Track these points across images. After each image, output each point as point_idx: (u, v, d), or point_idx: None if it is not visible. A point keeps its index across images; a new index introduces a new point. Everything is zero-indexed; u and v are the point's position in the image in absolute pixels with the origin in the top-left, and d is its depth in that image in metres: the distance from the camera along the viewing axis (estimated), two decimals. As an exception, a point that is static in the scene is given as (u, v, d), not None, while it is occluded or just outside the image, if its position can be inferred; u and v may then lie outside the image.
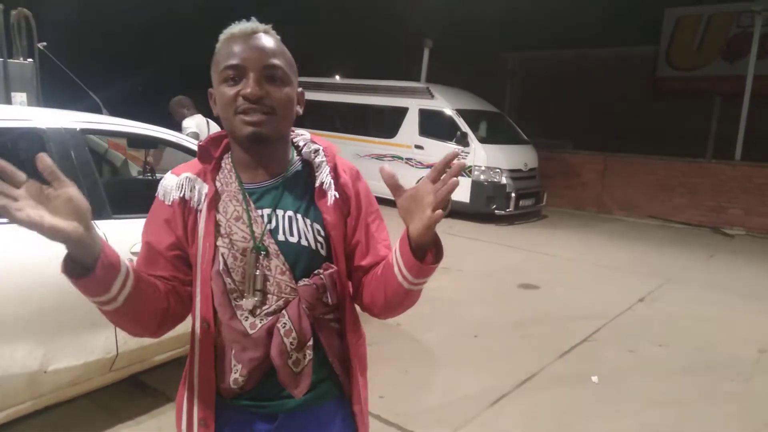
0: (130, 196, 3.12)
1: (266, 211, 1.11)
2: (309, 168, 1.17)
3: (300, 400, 1.12)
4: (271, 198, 1.12)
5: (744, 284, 6.09)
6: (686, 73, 12.65)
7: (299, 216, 1.12)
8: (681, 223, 9.91)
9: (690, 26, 12.44)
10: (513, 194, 8.94)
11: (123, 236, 2.47)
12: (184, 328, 1.18)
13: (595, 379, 3.58)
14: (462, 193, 9.08)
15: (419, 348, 3.94)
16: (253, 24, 1.08)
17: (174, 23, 14.54)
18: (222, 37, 1.09)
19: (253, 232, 1.09)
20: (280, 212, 1.12)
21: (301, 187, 1.15)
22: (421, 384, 3.40)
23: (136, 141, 3.59)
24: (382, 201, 1.31)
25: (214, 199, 1.12)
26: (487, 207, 8.96)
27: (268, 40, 1.08)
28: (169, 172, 1.19)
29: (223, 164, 1.16)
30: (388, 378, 3.35)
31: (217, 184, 1.14)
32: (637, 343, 4.24)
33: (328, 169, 1.16)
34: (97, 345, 2.43)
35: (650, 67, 13.21)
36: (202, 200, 1.12)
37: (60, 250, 0.90)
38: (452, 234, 8.12)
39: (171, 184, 1.14)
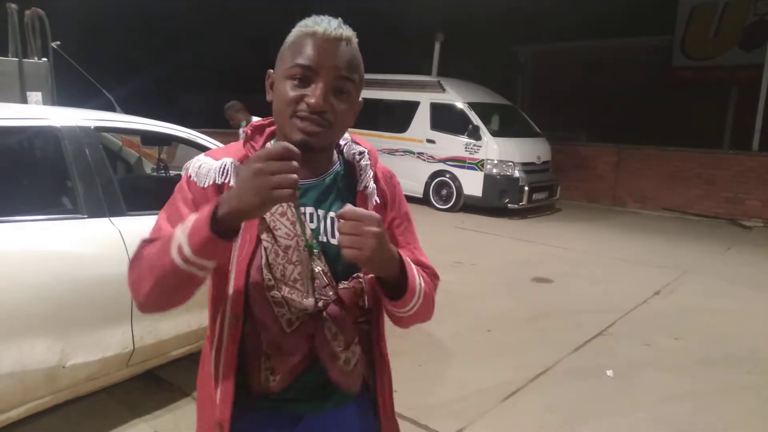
0: (145, 193, 3.15)
1: (309, 209, 1.09)
2: (351, 169, 1.16)
3: (327, 402, 1.12)
4: (314, 196, 1.10)
5: (762, 277, 6.01)
6: (702, 62, 12.42)
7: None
8: (697, 215, 9.79)
9: (705, 15, 12.22)
10: (526, 188, 8.89)
11: (137, 233, 2.50)
12: (198, 323, 1.18)
13: (610, 372, 3.55)
14: (475, 187, 9.05)
15: (432, 342, 3.94)
16: (339, 28, 1.01)
17: (189, 22, 14.61)
18: (302, 28, 1.02)
19: (303, 230, 1.06)
20: (321, 212, 1.09)
21: (343, 189, 1.13)
22: (435, 378, 3.40)
23: (150, 138, 3.62)
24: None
25: None
26: (500, 201, 8.91)
27: (348, 50, 1.02)
28: (203, 154, 1.12)
29: None
30: (402, 372, 3.35)
31: None
32: (652, 336, 4.20)
33: (372, 173, 1.15)
34: (114, 340, 2.46)
35: (665, 57, 12.99)
36: None
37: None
38: (465, 228, 8.10)
39: (211, 166, 1.07)
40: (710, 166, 9.82)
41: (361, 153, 1.16)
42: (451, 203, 9.30)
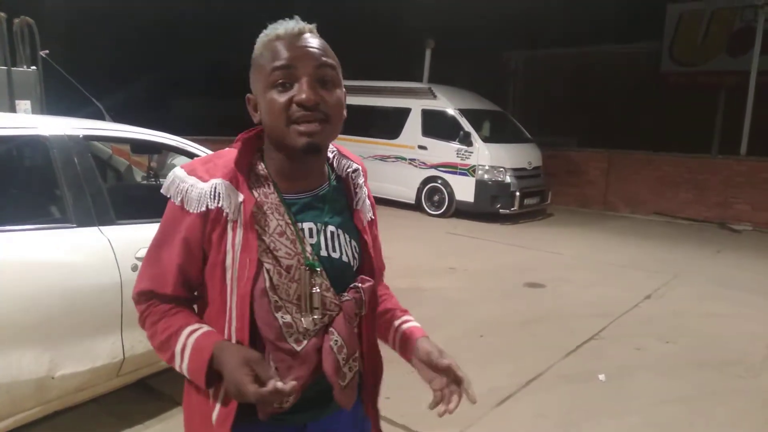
0: (134, 202, 3.14)
1: (307, 225, 1.07)
2: (342, 183, 1.17)
3: (327, 408, 1.13)
4: (313, 212, 1.08)
5: (751, 280, 6.05)
6: (690, 68, 12.58)
7: (341, 232, 1.11)
8: (687, 219, 9.86)
9: (693, 22, 12.38)
10: (517, 193, 8.92)
11: (127, 242, 2.49)
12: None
13: (602, 377, 3.56)
14: (466, 193, 9.07)
15: (425, 348, 3.93)
16: (298, 23, 1.01)
17: (178, 29, 14.60)
18: (263, 39, 1.01)
19: (304, 248, 1.05)
20: (321, 227, 1.08)
21: (340, 203, 1.13)
22: (427, 385, 3.39)
23: (139, 146, 3.61)
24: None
25: (254, 211, 1.03)
26: (492, 206, 8.94)
27: (314, 39, 1.02)
28: (180, 167, 1.07)
29: (256, 171, 1.08)
30: (393, 379, 3.32)
31: (255, 194, 1.05)
32: (644, 340, 4.22)
33: (366, 191, 1.18)
34: (104, 350, 2.44)
35: (653, 63, 13.14)
36: (239, 211, 1.02)
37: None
38: (457, 234, 8.11)
39: (201, 190, 1.02)
40: (699, 170, 9.90)
41: (355, 170, 1.17)
42: (443, 209, 9.32)
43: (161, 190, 1.09)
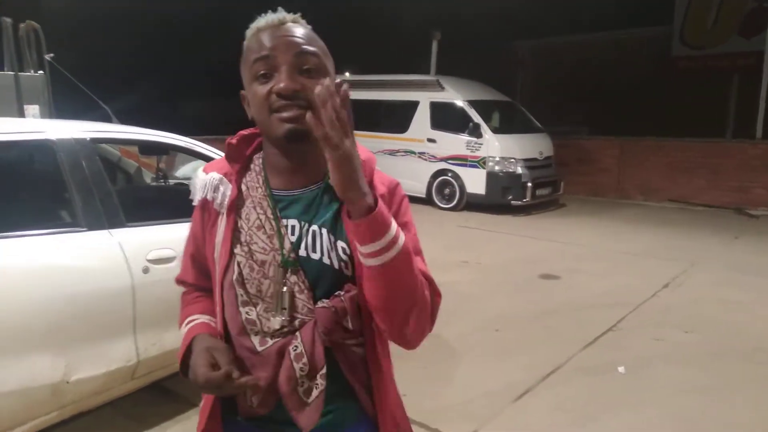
0: (144, 203, 3.13)
1: (291, 222, 1.03)
2: None
3: (317, 426, 1.02)
4: (300, 208, 1.04)
5: (771, 265, 5.94)
6: (702, 51, 12.37)
7: (324, 231, 1.02)
8: (703, 205, 9.72)
9: (704, 3, 12.16)
10: (529, 184, 8.84)
11: (138, 244, 2.48)
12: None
13: (621, 369, 3.50)
14: (477, 185, 9.01)
15: (439, 344, 3.89)
16: (279, 14, 1.00)
17: (186, 29, 14.63)
18: (248, 32, 1.01)
19: (282, 244, 1.01)
20: (304, 225, 1.02)
21: (333, 201, 1.04)
22: (444, 380, 3.36)
23: (148, 148, 3.60)
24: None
25: (236, 203, 1.05)
26: (503, 198, 8.87)
27: (297, 28, 0.99)
28: (200, 168, 1.14)
29: (252, 165, 1.09)
30: (410, 376, 3.31)
31: (243, 187, 1.06)
32: (663, 330, 4.15)
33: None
34: (118, 353, 2.43)
35: (664, 47, 12.93)
36: (225, 203, 1.06)
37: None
38: (469, 227, 8.06)
39: (200, 181, 1.10)
40: (714, 155, 9.75)
41: None
42: (454, 202, 9.26)
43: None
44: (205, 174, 1.11)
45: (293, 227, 1.02)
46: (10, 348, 2.09)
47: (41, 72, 4.56)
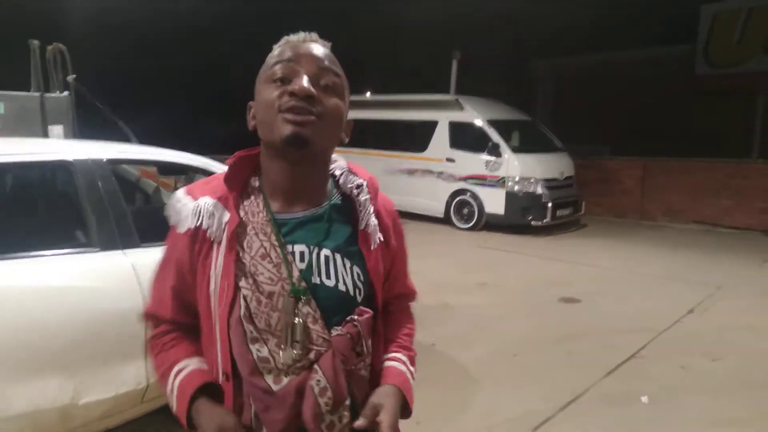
0: (160, 224, 3.13)
1: (298, 248, 0.97)
2: (349, 202, 1.05)
3: None
4: (306, 233, 0.98)
5: (802, 291, 5.73)
6: (727, 70, 12.17)
7: (338, 256, 0.98)
8: (729, 227, 9.47)
9: (729, 22, 12.00)
10: (549, 204, 8.72)
11: (151, 265, 2.46)
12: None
13: (645, 399, 3.37)
14: (497, 205, 8.92)
15: (456, 369, 3.81)
16: (311, 35, 1.00)
17: (205, 50, 14.94)
18: (276, 45, 1.00)
19: (290, 274, 0.95)
20: (315, 250, 0.97)
21: (341, 224, 1.01)
22: (460, 407, 3.27)
23: (166, 168, 3.62)
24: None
25: (237, 232, 0.97)
26: (523, 218, 8.76)
27: (325, 50, 0.99)
28: (182, 189, 1.05)
29: (249, 189, 1.02)
30: (424, 402, 3.22)
31: (241, 212, 0.99)
32: (688, 358, 4.00)
33: (372, 209, 1.04)
34: (128, 376, 2.40)
35: (688, 66, 12.76)
36: (222, 231, 0.97)
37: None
38: (488, 248, 7.96)
39: (188, 209, 1.00)
40: (739, 176, 9.52)
41: (359, 186, 1.04)
42: (473, 222, 9.17)
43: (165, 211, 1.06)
44: (190, 198, 1.02)
45: (302, 253, 0.97)
46: (20, 369, 2.09)
47: (67, 93, 4.65)
